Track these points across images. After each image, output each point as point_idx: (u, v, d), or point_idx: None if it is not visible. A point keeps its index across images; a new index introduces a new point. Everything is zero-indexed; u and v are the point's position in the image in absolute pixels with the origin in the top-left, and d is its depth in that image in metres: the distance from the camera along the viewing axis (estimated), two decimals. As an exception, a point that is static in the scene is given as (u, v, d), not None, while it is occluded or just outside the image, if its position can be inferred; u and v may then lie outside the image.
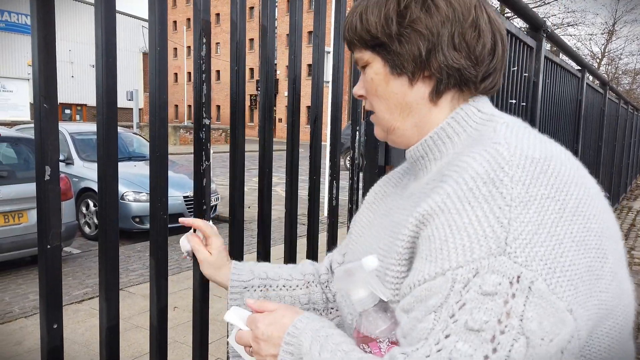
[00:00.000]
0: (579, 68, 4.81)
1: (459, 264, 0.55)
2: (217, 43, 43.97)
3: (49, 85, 0.72)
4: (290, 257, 1.37)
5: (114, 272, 0.84)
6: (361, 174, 1.61)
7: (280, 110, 36.99)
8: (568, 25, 24.57)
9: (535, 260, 0.53)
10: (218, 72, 43.56)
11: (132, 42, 35.67)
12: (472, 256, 0.54)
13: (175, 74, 55.19)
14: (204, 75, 0.98)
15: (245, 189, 1.15)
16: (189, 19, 49.43)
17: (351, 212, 1.58)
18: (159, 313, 0.94)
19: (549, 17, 23.75)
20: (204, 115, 0.98)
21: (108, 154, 0.83)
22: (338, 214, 1.50)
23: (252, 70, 44.26)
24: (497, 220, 0.55)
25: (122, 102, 24.16)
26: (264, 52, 1.14)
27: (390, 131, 0.75)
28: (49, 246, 0.75)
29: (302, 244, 1.46)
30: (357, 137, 1.54)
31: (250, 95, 43.04)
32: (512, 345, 0.51)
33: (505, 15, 9.00)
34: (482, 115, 0.70)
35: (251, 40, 43.01)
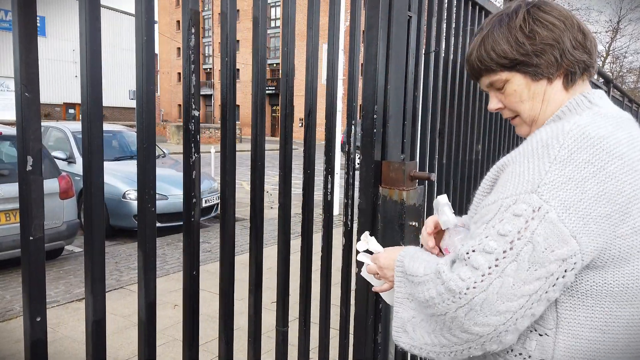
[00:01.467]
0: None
1: (506, 195, 0.81)
2: (238, 41, 43.78)
3: (30, 73, 0.70)
4: (284, 256, 1.35)
5: (99, 266, 0.83)
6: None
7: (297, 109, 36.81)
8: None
9: (554, 199, 0.77)
10: (238, 70, 43.34)
11: (134, 41, 35.62)
12: (515, 191, 0.80)
13: (179, 74, 55.26)
14: (192, 67, 0.96)
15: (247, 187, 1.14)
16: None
17: (347, 207, 1.57)
18: (147, 307, 0.93)
19: (552, 15, 23.60)
20: (193, 107, 0.97)
21: (92, 149, 0.82)
22: (333, 209, 1.49)
23: (238, 70, 44.14)
24: (539, 171, 0.79)
25: (125, 101, 24.15)
26: (255, 44, 1.12)
27: (535, 122, 0.97)
28: (31, 238, 0.74)
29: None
30: (353, 132, 1.52)
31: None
32: (522, 248, 0.77)
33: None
34: (587, 104, 0.91)
35: (238, 41, 42.88)
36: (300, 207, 1.41)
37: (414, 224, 1.61)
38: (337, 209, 7.29)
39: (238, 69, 42.94)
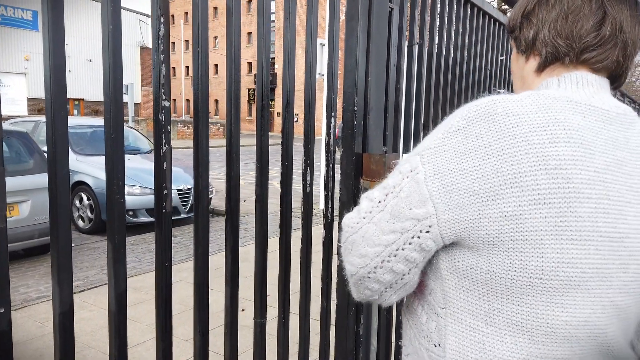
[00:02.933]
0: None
1: (406, 156, 0.86)
2: (215, 37, 43.59)
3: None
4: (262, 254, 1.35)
5: (66, 255, 0.82)
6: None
7: (279, 104, 36.86)
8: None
9: (429, 163, 0.78)
10: (216, 65, 43.22)
11: (130, 36, 35.49)
12: (412, 153, 0.83)
13: (174, 68, 54.90)
14: (162, 56, 0.95)
15: (242, 182, 1.13)
16: (186, 13, 49.12)
17: (327, 200, 1.56)
18: (117, 297, 0.93)
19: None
20: (163, 97, 0.96)
21: (56, 140, 0.81)
22: (312, 202, 1.48)
23: (250, 64, 43.92)
24: (434, 137, 0.80)
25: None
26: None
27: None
28: (-7, 228, 0.73)
29: (295, 237, 1.45)
30: (332, 124, 1.52)
31: (249, 89, 42.78)
32: (390, 201, 0.81)
33: (503, 8, 8.97)
34: (552, 86, 0.84)
35: (249, 34, 42.71)
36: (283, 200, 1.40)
37: (395, 216, 1.62)
38: (321, 204, 7.30)
39: (216, 65, 42.91)
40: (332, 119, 1.51)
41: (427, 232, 0.78)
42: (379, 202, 0.83)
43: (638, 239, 0.77)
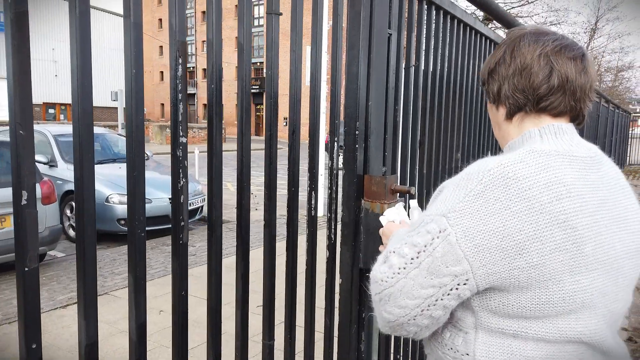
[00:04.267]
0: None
1: (428, 213, 0.95)
2: (203, 41, 43.45)
3: (25, 113, 0.73)
4: (270, 262, 1.39)
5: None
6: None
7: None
8: (551, 24, 24.77)
9: (457, 225, 0.89)
10: (204, 70, 43.05)
11: (119, 41, 35.19)
12: (434, 212, 0.93)
13: (162, 72, 54.50)
14: (180, 95, 1.00)
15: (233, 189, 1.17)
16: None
17: (330, 221, 1.61)
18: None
19: (532, 16, 23.94)
20: (181, 134, 1.00)
21: (83, 154, 0.85)
22: (317, 224, 1.53)
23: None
24: (455, 199, 0.91)
25: (107, 102, 23.80)
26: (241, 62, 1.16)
27: (499, 140, 1.14)
28: (26, 269, 0.77)
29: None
30: (335, 147, 1.57)
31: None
32: (424, 259, 0.90)
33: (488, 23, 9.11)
34: (534, 139, 1.00)
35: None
36: (284, 207, 1.43)
37: (395, 235, 1.67)
38: (321, 210, 7.33)
39: (204, 69, 42.78)
40: (335, 143, 1.56)
41: (465, 284, 0.90)
42: (412, 259, 0.92)
43: (624, 259, 0.97)
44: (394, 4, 1.66)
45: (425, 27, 2.04)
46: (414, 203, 1.35)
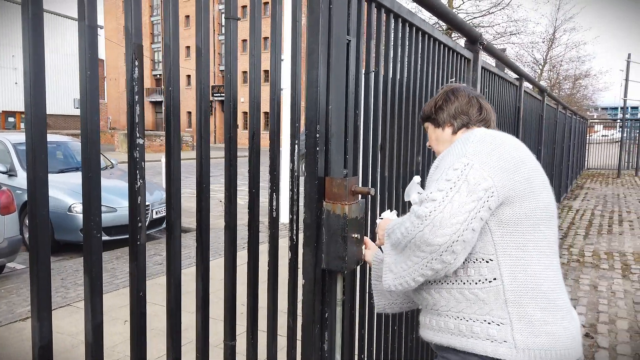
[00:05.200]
0: (517, 77, 5.07)
1: (445, 166, 1.32)
2: (187, 47, 42.55)
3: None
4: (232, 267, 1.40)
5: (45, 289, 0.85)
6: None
7: (238, 116, 36.38)
8: (511, 34, 25.64)
9: (475, 158, 1.29)
10: (189, 76, 42.22)
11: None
12: (451, 161, 1.32)
13: (128, 80, 53.35)
14: (137, 97, 1.01)
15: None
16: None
17: (292, 223, 1.64)
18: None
19: (493, 26, 24.71)
20: (138, 136, 1.01)
21: (36, 161, 0.84)
22: (279, 227, 1.55)
23: (188, 77, 42.98)
24: (464, 148, 1.34)
25: (69, 109, 23.15)
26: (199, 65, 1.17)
27: (438, 153, 1.61)
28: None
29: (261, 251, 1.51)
30: (296, 151, 1.60)
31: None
32: (461, 185, 1.24)
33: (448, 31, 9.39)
34: (468, 135, 1.43)
35: (187, 47, 41.92)
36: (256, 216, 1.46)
37: (356, 235, 1.70)
38: (286, 216, 7.35)
39: (188, 75, 42.10)
40: (296, 146, 1.59)
41: (492, 196, 1.25)
42: (450, 188, 1.23)
43: (548, 184, 1.45)
44: (352, 11, 1.71)
45: (384, 34, 2.10)
46: (417, 178, 1.68)
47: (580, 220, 8.85)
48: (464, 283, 1.32)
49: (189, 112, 42.87)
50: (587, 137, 20.57)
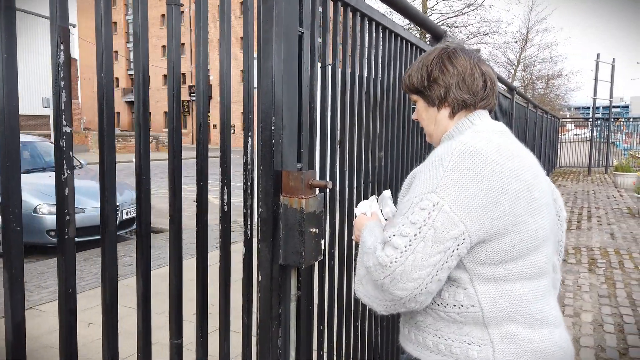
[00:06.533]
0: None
1: (415, 195, 1.13)
2: (163, 46, 41.89)
3: None
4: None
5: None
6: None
7: (215, 116, 36.13)
8: (484, 34, 26.04)
9: (447, 196, 1.09)
10: (165, 76, 41.41)
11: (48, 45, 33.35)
12: (421, 192, 1.12)
13: (117, 79, 52.34)
14: (62, 83, 0.96)
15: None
16: (127, 22, 47.19)
17: (246, 217, 1.60)
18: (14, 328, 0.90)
19: (467, 26, 25.07)
20: (64, 124, 0.97)
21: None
22: (230, 221, 1.51)
23: (184, 75, 42.65)
24: (436, 177, 1.11)
25: (39, 109, 22.51)
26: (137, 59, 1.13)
27: (431, 136, 1.39)
28: None
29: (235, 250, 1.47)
30: (250, 143, 1.56)
31: (183, 101, 41.57)
32: (427, 231, 1.07)
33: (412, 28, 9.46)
34: (469, 125, 1.28)
35: (182, 44, 41.55)
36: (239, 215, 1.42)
37: (314, 230, 1.67)
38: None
39: (184, 74, 41.50)
40: (249, 138, 1.55)
41: (463, 243, 1.09)
42: (415, 235, 1.07)
43: (550, 199, 1.28)
44: (305, 3, 1.69)
45: (341, 27, 2.08)
46: (387, 193, 1.45)
47: (550, 217, 9.02)
48: (439, 305, 1.18)
49: (166, 112, 42.27)
50: (559, 136, 21.04)
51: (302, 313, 1.84)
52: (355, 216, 1.47)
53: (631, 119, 25.21)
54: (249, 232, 1.60)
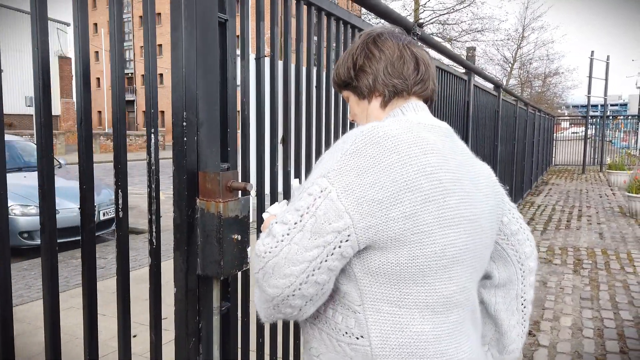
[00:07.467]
0: (465, 71, 4.97)
1: (309, 180, 0.95)
2: (160, 45, 41.45)
3: None
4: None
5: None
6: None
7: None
8: (477, 32, 25.83)
9: (338, 182, 0.91)
10: (161, 75, 41.04)
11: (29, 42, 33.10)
12: (314, 176, 0.94)
13: (98, 79, 52.04)
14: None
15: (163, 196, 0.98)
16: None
17: (151, 223, 1.45)
18: None
19: (459, 23, 24.88)
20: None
21: None
22: (128, 227, 1.36)
23: (161, 75, 41.97)
24: (332, 160, 0.94)
25: (21, 108, 22.22)
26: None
27: None
28: None
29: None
30: (153, 141, 1.41)
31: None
32: (308, 220, 0.90)
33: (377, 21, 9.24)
34: (400, 116, 1.09)
35: (159, 45, 41.00)
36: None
37: (236, 237, 1.52)
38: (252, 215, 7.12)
39: (161, 74, 41.08)
40: (153, 135, 1.40)
41: (347, 240, 0.90)
42: (295, 223, 0.90)
43: (482, 218, 1.04)
44: (227, -14, 1.53)
45: (278, 14, 1.92)
46: (295, 183, 1.25)
47: (540, 216, 8.87)
48: (332, 329, 1.00)
49: (162, 112, 41.92)
50: (555, 134, 20.90)
51: (231, 327, 1.69)
52: (263, 220, 1.28)
53: (629, 117, 25.10)
54: (154, 241, 1.44)
